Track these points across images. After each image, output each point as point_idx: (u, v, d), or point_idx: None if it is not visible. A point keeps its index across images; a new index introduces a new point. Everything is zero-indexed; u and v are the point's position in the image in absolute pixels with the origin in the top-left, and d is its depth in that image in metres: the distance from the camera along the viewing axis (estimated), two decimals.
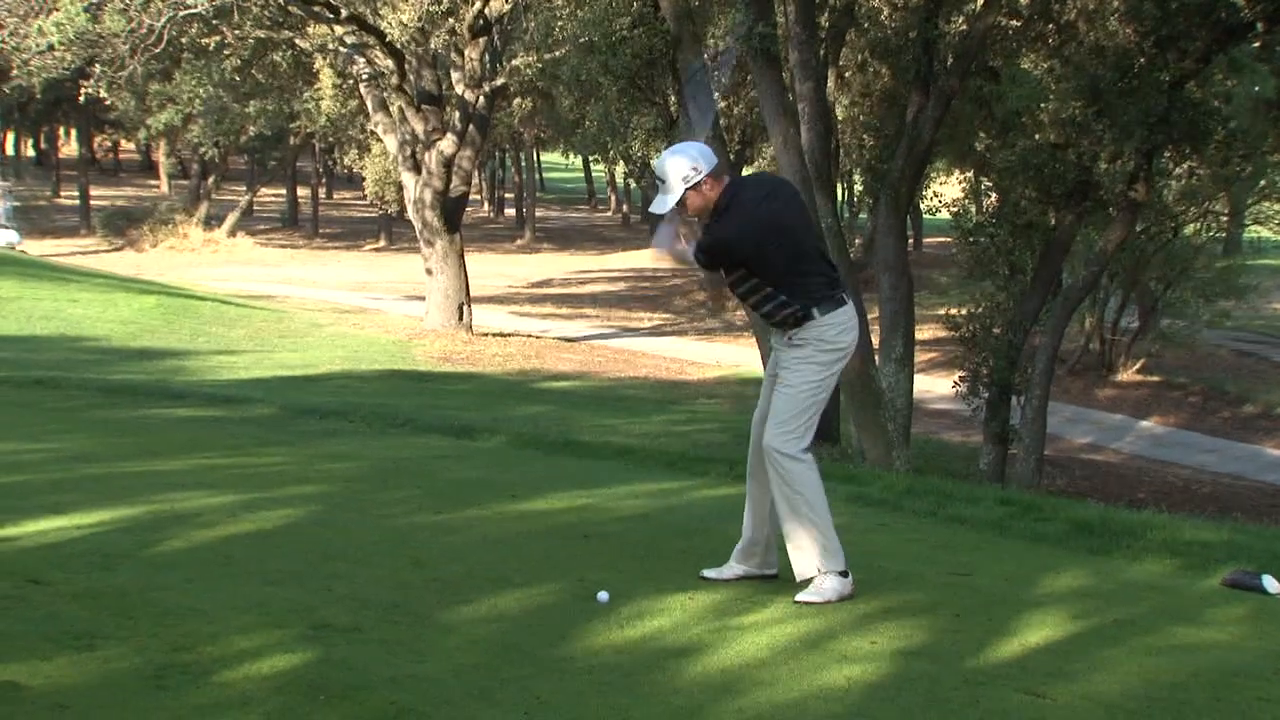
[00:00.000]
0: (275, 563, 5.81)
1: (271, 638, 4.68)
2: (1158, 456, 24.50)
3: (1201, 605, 5.88)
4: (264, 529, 6.50)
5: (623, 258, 57.10)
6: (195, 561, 5.77)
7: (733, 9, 19.90)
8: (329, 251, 58.62)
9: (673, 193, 5.72)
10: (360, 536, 6.44)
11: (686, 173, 5.70)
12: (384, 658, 4.56)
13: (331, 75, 34.98)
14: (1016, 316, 18.66)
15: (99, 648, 4.48)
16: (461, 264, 29.80)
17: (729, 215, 5.71)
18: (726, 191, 5.75)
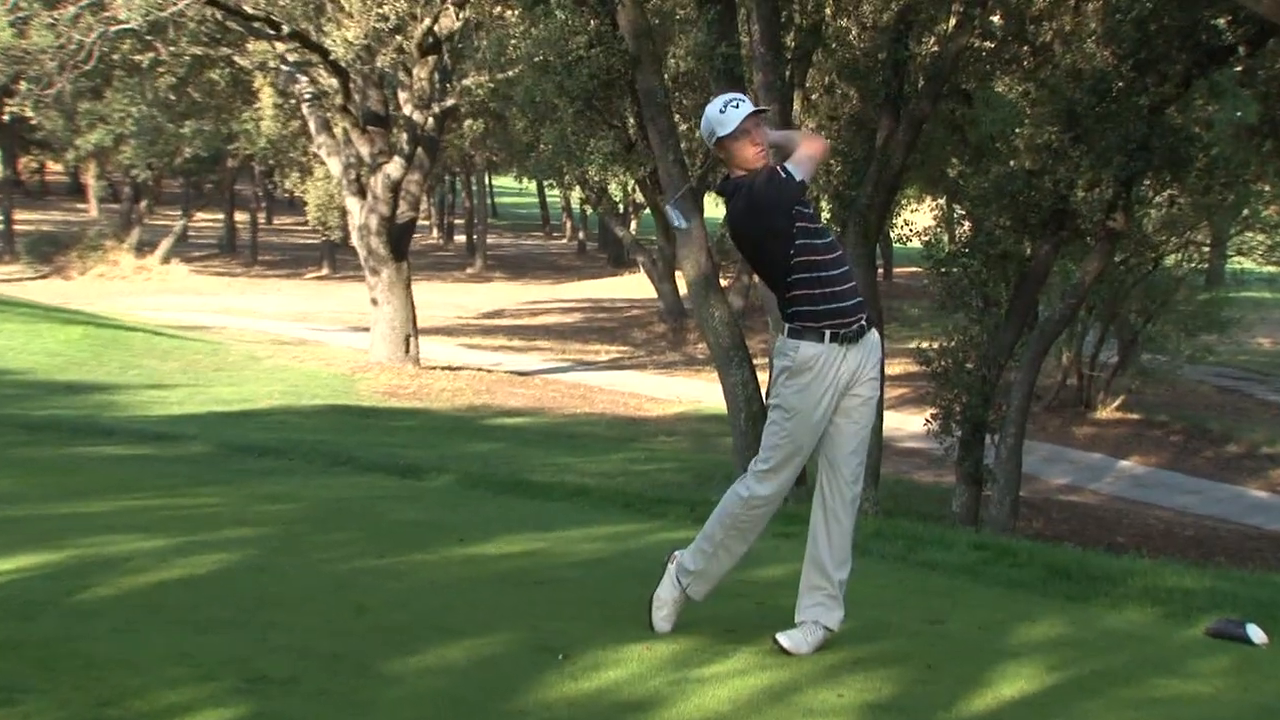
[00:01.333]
0: (208, 610, 5.76)
1: (203, 691, 4.63)
2: (1138, 498, 24.61)
3: (1184, 656, 5.90)
4: (196, 574, 6.45)
5: (579, 287, 57.15)
6: (123, 609, 5.71)
7: (694, 28, 20.00)
8: (268, 280, 58.40)
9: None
10: (299, 582, 6.39)
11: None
12: (324, 712, 4.52)
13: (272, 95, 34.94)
14: (990, 351, 18.74)
15: (19, 702, 4.43)
16: (408, 293, 29.75)
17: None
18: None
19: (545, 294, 55.22)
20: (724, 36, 15.89)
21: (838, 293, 5.67)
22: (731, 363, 16.12)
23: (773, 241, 5.66)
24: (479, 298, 53.34)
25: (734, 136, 5.74)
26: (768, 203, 5.62)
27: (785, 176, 5.60)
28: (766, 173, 5.67)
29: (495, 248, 72.27)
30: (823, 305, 5.66)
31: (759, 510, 5.82)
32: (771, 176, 5.63)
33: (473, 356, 35.37)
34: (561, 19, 17.80)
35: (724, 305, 16.34)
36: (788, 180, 5.59)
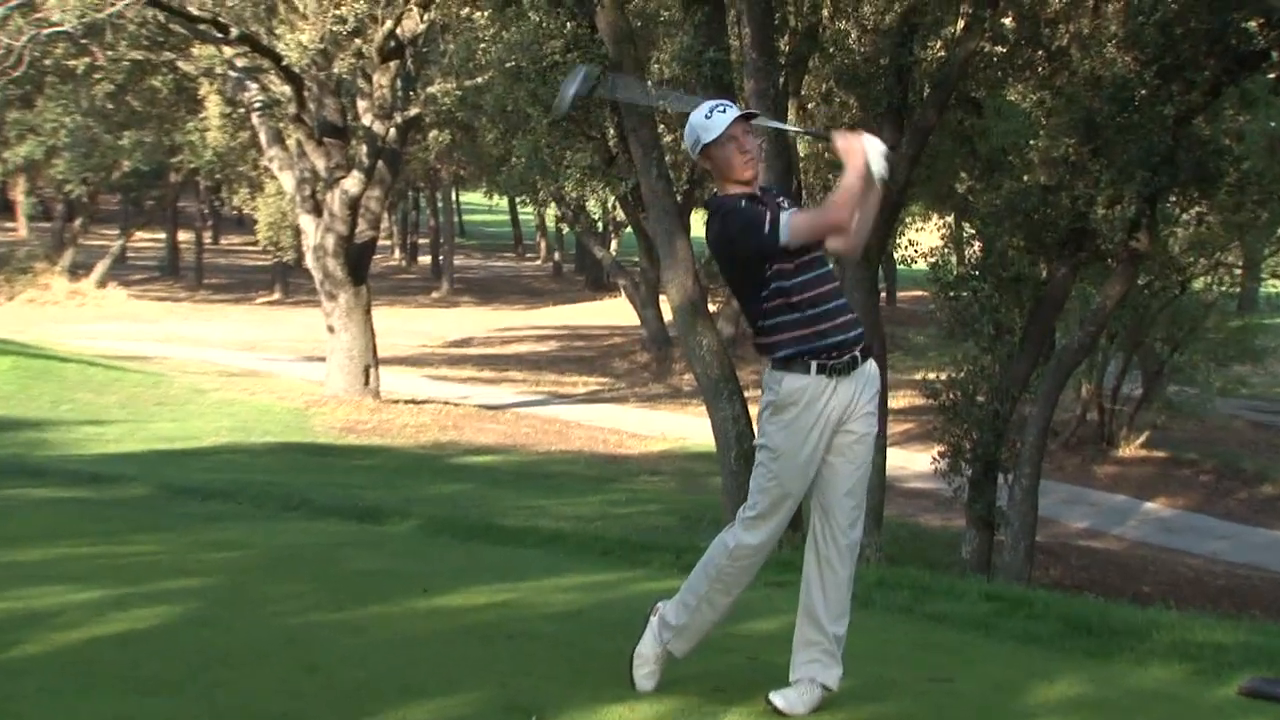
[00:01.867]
0: (147, 669, 5.73)
1: None
2: (1165, 544, 24.62)
3: (1216, 717, 5.89)
4: (135, 630, 6.42)
5: (554, 313, 57.17)
6: (53, 668, 5.68)
7: (680, 31, 20.08)
8: (215, 305, 58.34)
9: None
10: (247, 637, 6.36)
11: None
12: None
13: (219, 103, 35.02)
14: (1003, 383, 18.77)
15: None
16: (368, 320, 29.74)
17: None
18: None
19: (518, 320, 55.23)
20: (712, 40, 15.96)
21: (827, 319, 5.69)
22: (721, 396, 16.12)
23: (745, 277, 5.73)
24: (445, 324, 53.33)
25: (720, 143, 5.76)
26: (740, 248, 5.69)
27: (768, 231, 5.61)
28: (749, 212, 5.69)
29: (463, 270, 72.29)
30: (809, 333, 5.67)
31: (746, 561, 5.81)
32: (751, 222, 5.65)
33: (438, 389, 35.34)
34: (535, 21, 17.87)
35: (712, 333, 16.35)
36: (768, 236, 5.60)
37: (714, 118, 5.80)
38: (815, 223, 5.64)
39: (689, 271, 16.26)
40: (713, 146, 5.79)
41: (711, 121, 5.79)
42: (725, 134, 5.77)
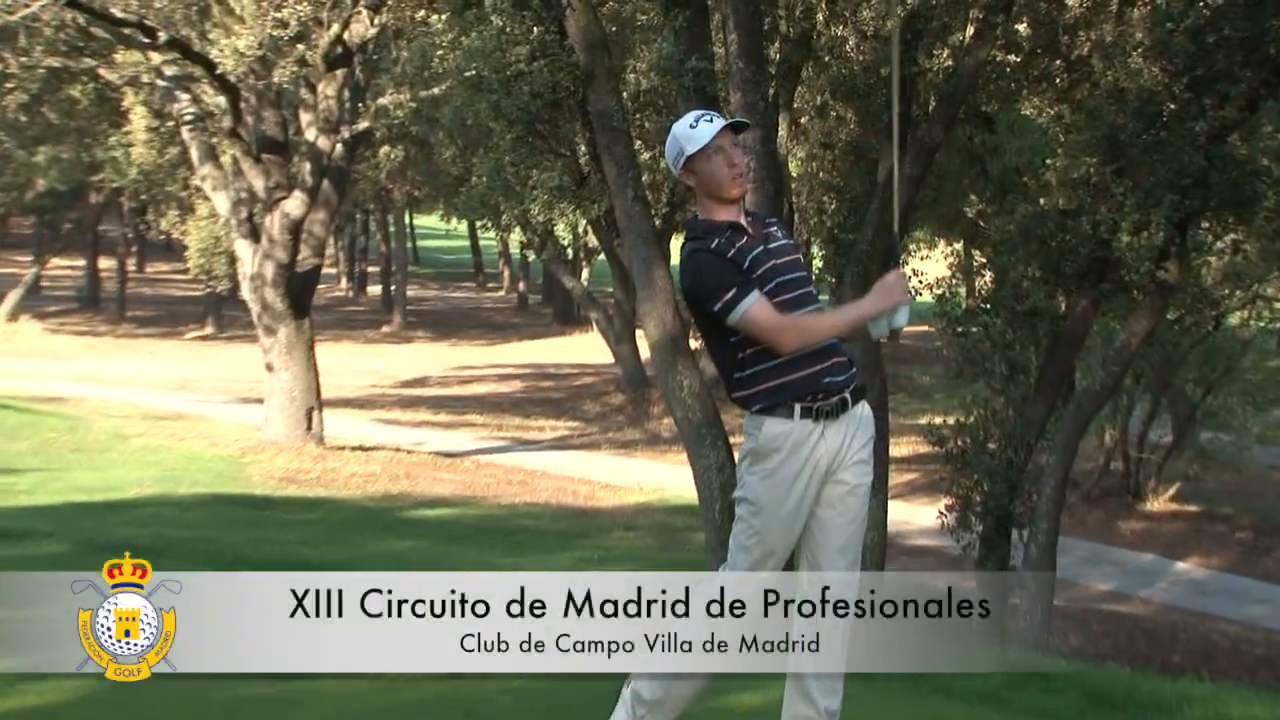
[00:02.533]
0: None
1: None
2: (1198, 608, 24.64)
3: None
4: (41, 704, 6.37)
5: (519, 350, 57.18)
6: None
7: (659, 38, 20.14)
8: (140, 340, 58.20)
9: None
10: (174, 712, 6.32)
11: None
12: None
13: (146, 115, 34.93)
14: (1017, 428, 18.80)
15: None
16: (311, 357, 29.69)
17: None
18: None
19: (478, 358, 55.20)
20: (694, 48, 15.98)
21: (814, 360, 5.72)
22: (703, 442, 16.12)
23: (714, 323, 5.80)
24: (397, 362, 53.26)
25: (705, 155, 5.80)
26: (704, 306, 5.78)
27: (719, 307, 5.70)
28: (719, 272, 5.75)
29: (417, 301, 72.28)
30: (792, 373, 5.69)
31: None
32: (718, 288, 5.72)
33: (389, 434, 35.28)
34: (498, 26, 17.88)
35: (694, 372, 16.35)
36: (719, 311, 5.71)
37: (699, 127, 5.84)
38: (768, 330, 5.70)
39: (668, 303, 16.27)
40: (697, 159, 5.83)
41: (697, 131, 5.83)
42: (712, 145, 5.80)
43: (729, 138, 5.84)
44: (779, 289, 5.75)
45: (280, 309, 29.00)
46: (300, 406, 29.48)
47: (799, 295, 5.77)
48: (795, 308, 5.72)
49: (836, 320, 5.77)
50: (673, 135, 5.90)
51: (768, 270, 5.77)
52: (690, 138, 5.82)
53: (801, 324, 5.71)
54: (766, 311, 5.68)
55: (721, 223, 5.83)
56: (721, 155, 5.81)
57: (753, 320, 5.66)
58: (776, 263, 5.81)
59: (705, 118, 5.86)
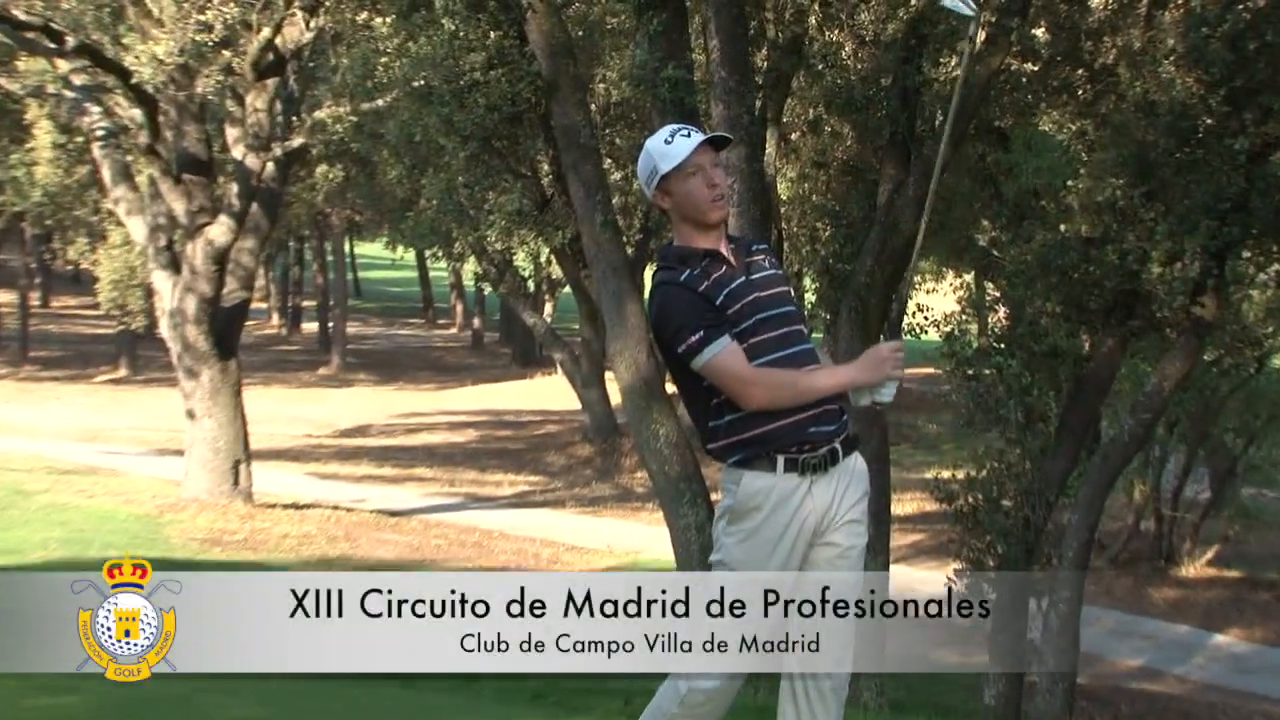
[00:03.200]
0: None
1: None
2: (1240, 686, 24.64)
3: None
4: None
5: (473, 395, 57.19)
6: None
7: (631, 44, 20.18)
8: (43, 384, 58.04)
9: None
10: None
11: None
12: None
13: (51, 130, 34.93)
14: (1035, 484, 18.81)
15: None
16: (239, 403, 29.64)
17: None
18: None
19: (427, 403, 55.19)
20: (671, 55, 16.03)
21: (801, 408, 5.73)
22: (682, 499, 16.13)
23: (685, 368, 5.84)
24: (336, 408, 53.23)
25: (681, 174, 5.81)
26: (669, 346, 5.83)
27: (683, 350, 5.74)
28: (689, 309, 5.77)
29: (358, 340, 72.28)
30: (774, 421, 5.69)
31: (702, 710, 5.80)
32: (683, 329, 5.76)
33: (327, 490, 35.22)
34: (450, 30, 17.93)
35: (672, 420, 16.37)
36: (683, 354, 5.75)
37: (676, 142, 5.84)
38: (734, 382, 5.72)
39: (642, 342, 16.30)
40: (673, 179, 5.84)
41: (672, 147, 5.83)
42: (689, 163, 5.81)
43: (709, 155, 5.84)
44: (760, 327, 5.76)
45: (203, 349, 28.95)
46: (226, 459, 29.41)
47: (783, 334, 5.77)
48: (778, 349, 5.73)
49: (813, 383, 5.78)
50: (646, 152, 5.90)
51: (748, 305, 5.79)
52: (665, 154, 5.82)
53: (773, 380, 5.72)
54: (735, 361, 5.70)
55: (698, 251, 5.83)
56: (700, 175, 5.81)
57: (718, 370, 5.69)
58: (759, 296, 5.83)
59: (682, 132, 5.86)
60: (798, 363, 5.76)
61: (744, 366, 5.69)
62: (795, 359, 5.73)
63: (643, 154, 5.94)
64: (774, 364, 5.70)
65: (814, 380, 5.77)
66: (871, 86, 19.37)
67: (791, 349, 5.75)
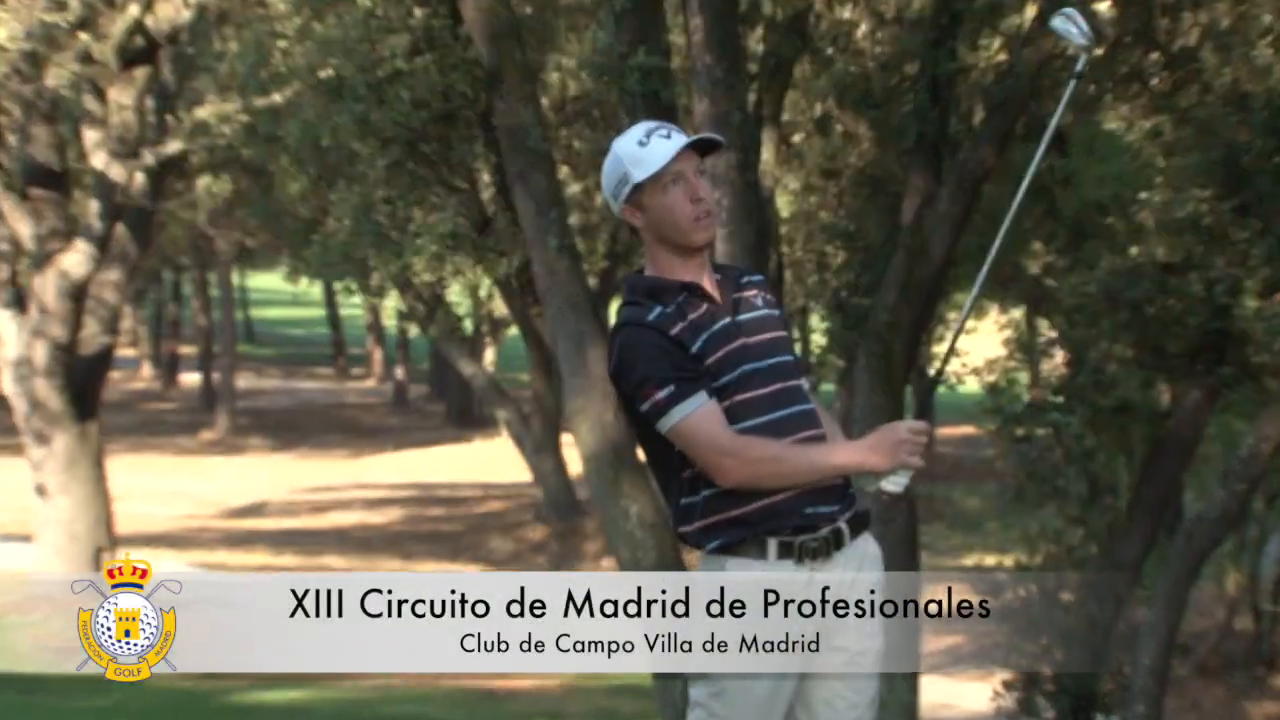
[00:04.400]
0: None
1: None
2: None
3: None
4: None
5: (397, 463, 57.13)
6: None
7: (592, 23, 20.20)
8: None
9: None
10: None
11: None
12: None
13: None
14: (1103, 572, 18.82)
15: None
16: (101, 476, 29.57)
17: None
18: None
19: (339, 474, 55.10)
20: (642, 37, 15.96)
21: None
22: None
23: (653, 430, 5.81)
24: (224, 482, 53.16)
25: (659, 185, 5.76)
26: (631, 400, 5.81)
27: (649, 407, 5.73)
28: (656, 359, 5.74)
29: (252, 396, 72.15)
30: (764, 497, 5.69)
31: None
32: (645, 382, 5.74)
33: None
34: (365, 7, 17.95)
35: (647, 495, 16.34)
36: (649, 410, 5.74)
37: (652, 144, 5.79)
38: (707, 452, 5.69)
39: (608, 397, 16.26)
40: (648, 189, 5.78)
41: (648, 150, 5.78)
42: (669, 171, 5.76)
43: (693, 161, 5.80)
44: (747, 382, 5.74)
45: (56, 408, 28.86)
46: (85, 545, 29.31)
47: (776, 392, 5.74)
48: (770, 409, 5.71)
49: (807, 460, 5.73)
50: (614, 156, 5.85)
51: (733, 353, 5.76)
52: (639, 159, 5.77)
53: (756, 453, 5.68)
54: (711, 425, 5.66)
55: (673, 283, 5.79)
56: (682, 185, 5.76)
57: (689, 435, 5.66)
58: (748, 342, 5.80)
59: (660, 132, 5.81)
60: (792, 428, 5.72)
61: (721, 432, 5.65)
62: (789, 423, 5.70)
63: (609, 159, 5.88)
64: (762, 430, 5.66)
65: (808, 457, 5.72)
66: (894, 76, 19.45)
67: (786, 410, 5.73)
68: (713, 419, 5.64)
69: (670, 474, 5.76)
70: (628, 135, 5.86)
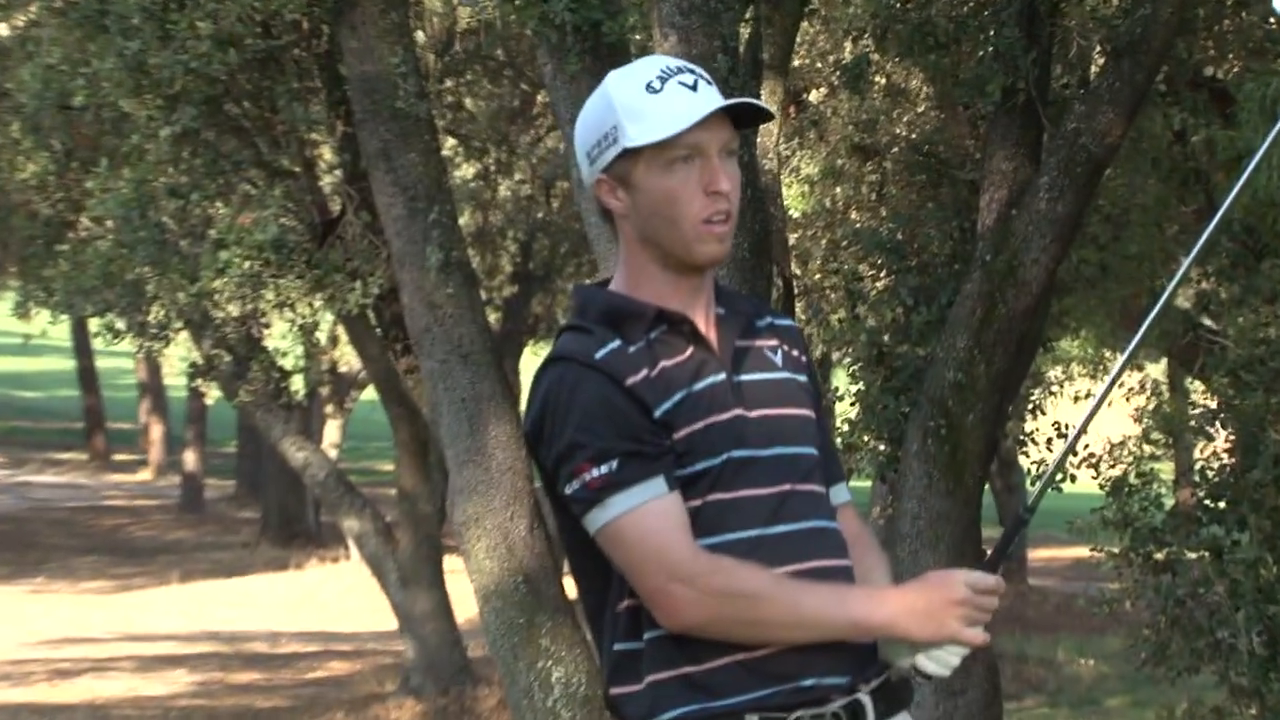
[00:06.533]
0: None
1: None
2: None
3: None
4: None
5: (186, 600, 57.10)
6: None
7: None
8: None
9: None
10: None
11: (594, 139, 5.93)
12: None
13: None
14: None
15: None
16: None
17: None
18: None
19: (99, 618, 55.07)
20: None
21: None
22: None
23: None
24: None
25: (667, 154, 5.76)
26: (550, 478, 5.80)
27: (577, 489, 5.71)
28: (593, 415, 5.71)
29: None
30: (743, 649, 5.71)
31: None
32: (572, 450, 5.71)
33: None
34: None
35: (576, 650, 16.46)
36: (576, 492, 5.72)
37: (667, 93, 5.77)
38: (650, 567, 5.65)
39: (520, 499, 16.39)
40: (647, 159, 5.73)
41: (659, 101, 5.77)
42: (684, 139, 5.70)
43: (722, 134, 5.77)
44: (735, 474, 5.75)
45: None
46: None
47: (782, 496, 5.75)
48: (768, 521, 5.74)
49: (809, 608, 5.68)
50: (603, 96, 5.85)
51: (721, 428, 5.76)
52: (640, 112, 5.75)
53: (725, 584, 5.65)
54: (663, 531, 5.64)
55: (647, 307, 5.76)
56: (697, 167, 5.74)
57: (629, 542, 5.65)
58: (748, 416, 5.81)
59: (683, 78, 5.79)
60: (795, 553, 5.74)
61: (679, 544, 5.62)
62: (793, 546, 5.73)
63: (596, 98, 5.87)
64: (747, 549, 5.66)
65: (810, 602, 5.68)
66: (967, 4, 19.49)
67: (791, 526, 5.76)
68: (669, 522, 5.60)
69: (602, 602, 5.77)
70: (632, 71, 5.83)
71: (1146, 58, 17.81)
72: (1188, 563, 19.62)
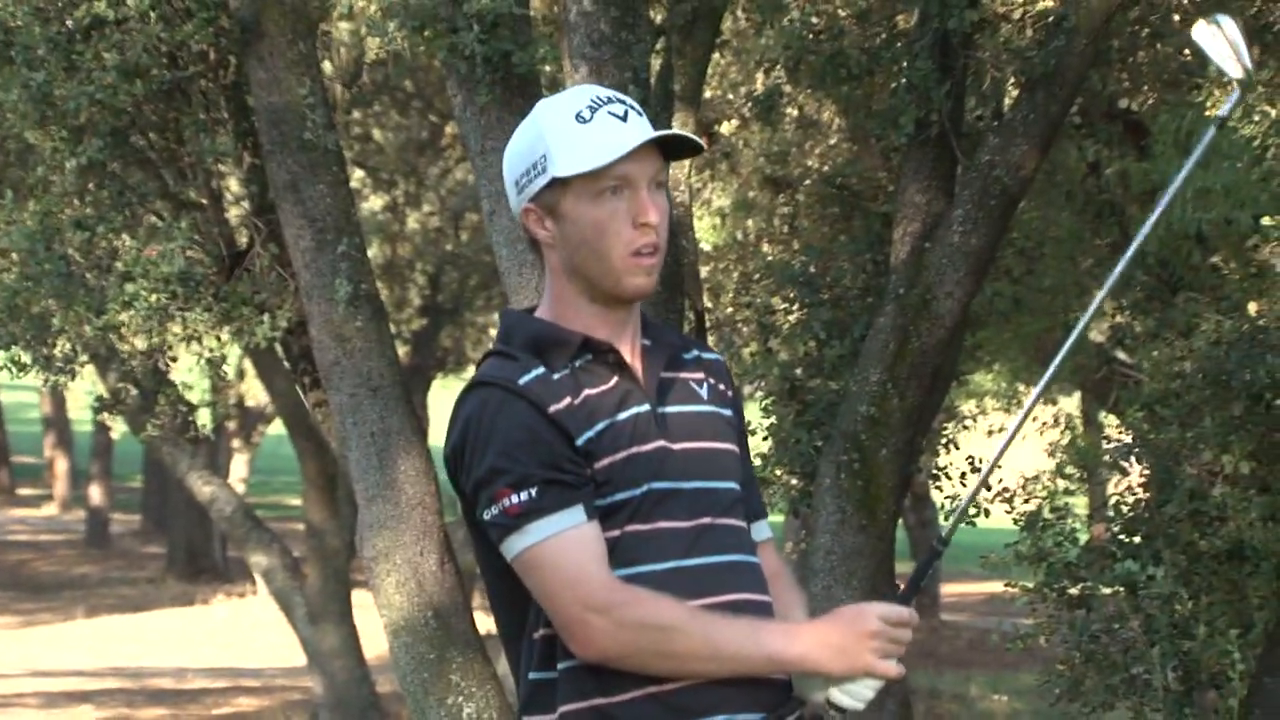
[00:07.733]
0: None
1: None
2: None
3: None
4: None
5: (92, 636, 57.00)
6: None
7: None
8: None
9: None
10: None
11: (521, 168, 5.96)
12: None
13: None
14: None
15: None
16: None
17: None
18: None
19: (2, 656, 54.99)
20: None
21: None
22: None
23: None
24: None
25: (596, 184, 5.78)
26: (468, 505, 5.83)
27: (497, 513, 5.73)
28: (518, 442, 5.72)
29: None
30: (658, 681, 5.71)
31: None
32: (492, 474, 5.73)
33: None
34: None
35: (488, 686, 16.41)
36: (496, 517, 5.74)
37: (597, 122, 5.78)
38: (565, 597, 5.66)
39: (429, 534, 16.33)
40: (573, 192, 5.75)
41: (589, 131, 5.78)
42: (613, 170, 5.70)
43: (651, 165, 5.77)
44: (655, 506, 5.78)
45: None
46: None
47: (701, 530, 5.74)
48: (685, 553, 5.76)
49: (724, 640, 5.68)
50: (532, 125, 5.87)
51: (642, 459, 5.78)
52: (570, 141, 5.77)
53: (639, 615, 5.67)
54: (580, 560, 5.66)
55: (573, 336, 5.78)
56: (626, 199, 5.76)
57: (546, 570, 5.67)
58: (671, 449, 5.82)
59: (612, 106, 5.80)
60: (714, 586, 5.76)
61: (595, 573, 5.64)
62: (712, 578, 5.75)
63: (525, 127, 5.88)
64: (664, 581, 5.67)
65: (724, 634, 5.68)
66: (879, 31, 19.48)
67: (710, 559, 5.78)
68: (587, 551, 5.63)
69: (519, 630, 5.77)
70: (562, 100, 5.85)
71: (1061, 90, 17.82)
72: (1102, 598, 19.62)
